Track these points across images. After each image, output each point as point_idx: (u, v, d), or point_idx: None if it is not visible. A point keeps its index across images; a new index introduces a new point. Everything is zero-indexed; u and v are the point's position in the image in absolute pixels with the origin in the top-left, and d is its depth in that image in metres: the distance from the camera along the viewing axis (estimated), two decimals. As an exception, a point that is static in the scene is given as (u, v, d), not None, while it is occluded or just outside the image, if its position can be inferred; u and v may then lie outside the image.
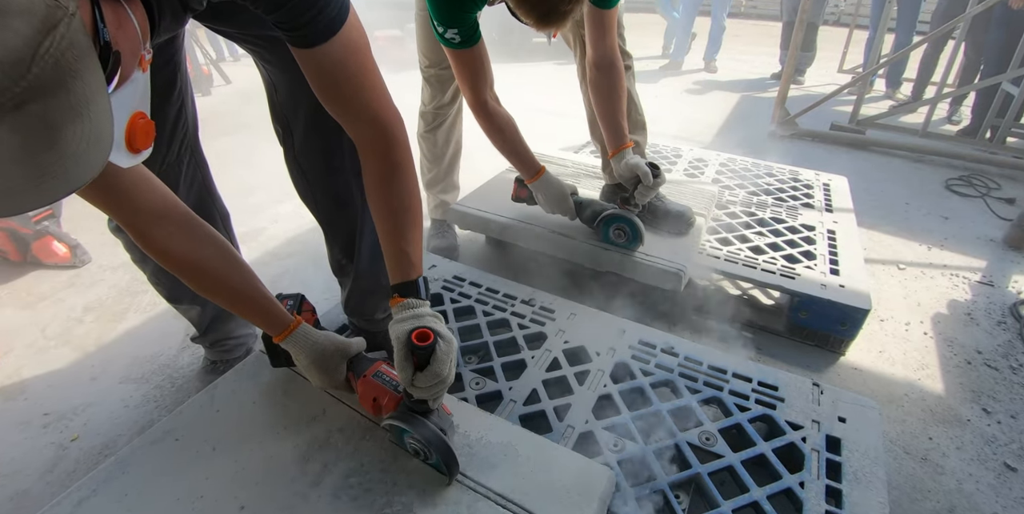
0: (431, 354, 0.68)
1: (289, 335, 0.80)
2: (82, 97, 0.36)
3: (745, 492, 0.79)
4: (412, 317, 0.71)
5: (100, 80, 0.38)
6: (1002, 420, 1.21)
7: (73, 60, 0.35)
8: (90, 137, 0.37)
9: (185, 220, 0.75)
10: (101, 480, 0.80)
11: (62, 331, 1.58)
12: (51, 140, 0.35)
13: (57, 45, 0.34)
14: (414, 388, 0.69)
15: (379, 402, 0.77)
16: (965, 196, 2.34)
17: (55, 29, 0.34)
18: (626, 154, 1.25)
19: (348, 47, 0.67)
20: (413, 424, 0.71)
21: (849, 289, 1.27)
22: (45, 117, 0.34)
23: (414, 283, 0.75)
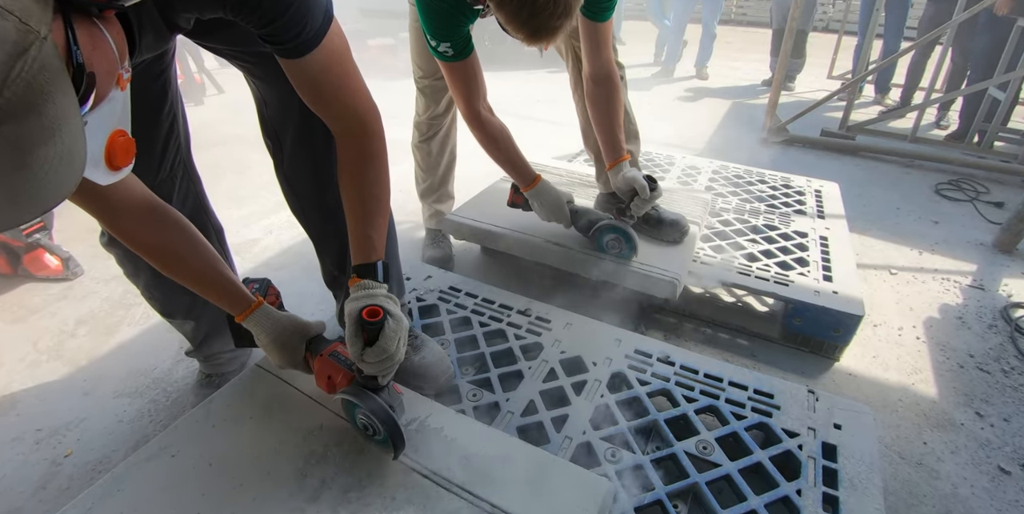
0: (380, 331, 0.71)
1: (250, 314, 0.84)
2: (54, 119, 0.37)
3: (743, 500, 0.79)
4: (366, 296, 0.75)
5: (73, 102, 0.39)
6: (995, 423, 1.22)
7: (45, 83, 0.35)
8: (62, 158, 0.38)
9: (157, 210, 0.78)
10: (97, 497, 0.80)
11: (54, 345, 1.56)
12: (22, 161, 0.36)
13: (28, 68, 0.34)
14: (363, 363, 0.72)
15: (333, 379, 0.80)
16: (955, 200, 2.37)
17: (26, 53, 0.34)
18: (623, 167, 1.26)
19: (331, 53, 0.70)
20: (362, 398, 0.74)
21: (842, 295, 1.29)
22: (17, 139, 0.35)
23: (373, 265, 0.79)
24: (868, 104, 3.76)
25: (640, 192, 1.23)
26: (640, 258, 1.32)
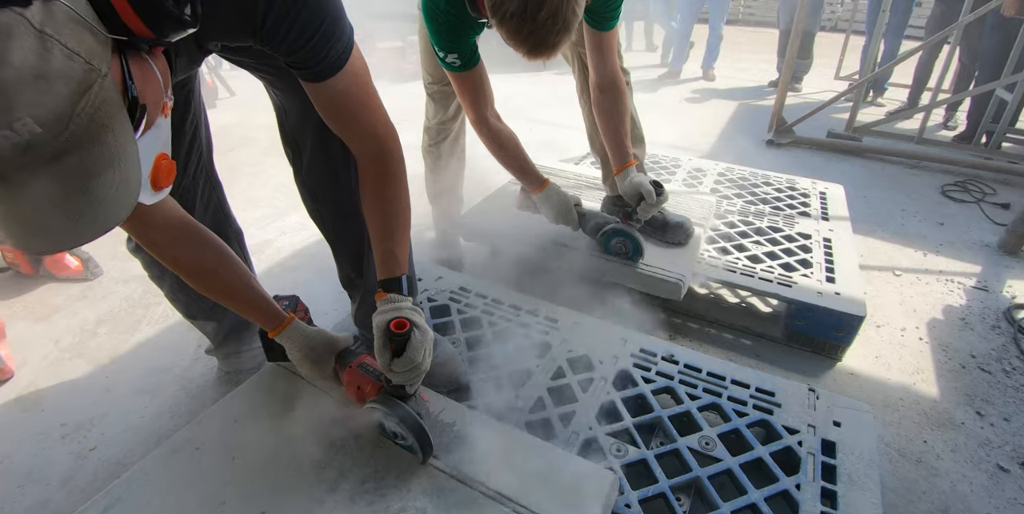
0: (407, 342, 0.75)
1: (283, 330, 0.88)
2: (114, 148, 0.41)
3: (743, 494, 0.82)
4: (392, 309, 0.79)
5: (129, 132, 0.43)
6: (995, 422, 1.24)
7: (105, 116, 0.40)
8: (121, 183, 0.42)
9: (191, 229, 0.82)
10: (125, 488, 0.84)
11: (76, 343, 1.61)
12: (86, 187, 0.40)
13: (91, 103, 0.38)
14: (391, 373, 0.76)
15: (362, 390, 0.84)
16: (961, 202, 2.37)
17: (90, 90, 0.38)
18: (630, 172, 1.29)
19: (352, 77, 0.73)
20: (392, 407, 0.77)
21: (844, 296, 1.31)
22: (81, 167, 0.39)
23: (397, 280, 0.82)
24: (867, 105, 3.76)
25: (647, 197, 1.26)
26: (646, 260, 1.35)
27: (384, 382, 0.81)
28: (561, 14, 0.83)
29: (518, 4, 0.82)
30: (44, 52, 0.36)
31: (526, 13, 0.82)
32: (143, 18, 0.43)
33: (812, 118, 2.95)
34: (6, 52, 0.34)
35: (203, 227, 0.83)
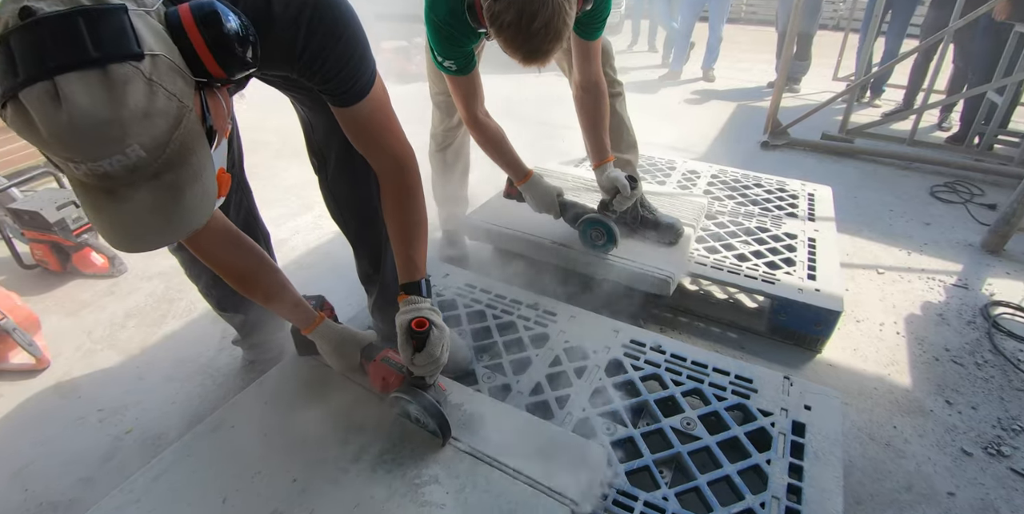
0: (426, 338, 0.84)
1: (315, 328, 0.99)
2: (197, 167, 0.52)
3: (719, 468, 0.92)
4: (413, 309, 0.89)
5: (208, 153, 0.54)
6: (963, 410, 1.33)
7: (192, 141, 0.51)
8: (203, 194, 0.53)
9: (233, 234, 0.92)
10: (172, 460, 0.95)
11: (107, 335, 1.73)
12: (177, 198, 0.51)
13: (182, 132, 0.49)
14: (413, 366, 0.86)
15: (387, 381, 0.95)
16: (948, 203, 2.45)
17: (181, 122, 0.49)
18: (608, 167, 1.40)
19: (375, 103, 0.84)
20: (415, 396, 0.88)
21: (824, 293, 1.40)
22: (173, 182, 0.50)
23: (417, 283, 0.93)
24: (864, 106, 3.83)
25: (622, 190, 1.37)
26: (638, 258, 1.44)
27: (406, 374, 0.92)
28: (553, 25, 0.93)
29: (514, 15, 0.92)
30: (151, 95, 0.46)
31: (521, 23, 0.92)
32: (220, 64, 0.53)
33: (808, 119, 3.03)
34: (124, 96, 0.45)
35: (244, 234, 0.93)
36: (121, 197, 0.49)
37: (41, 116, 0.44)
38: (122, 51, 0.45)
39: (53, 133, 0.44)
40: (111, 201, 0.49)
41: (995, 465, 1.19)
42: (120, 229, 0.50)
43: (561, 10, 0.91)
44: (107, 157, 0.46)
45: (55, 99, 0.44)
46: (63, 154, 0.46)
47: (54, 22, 0.44)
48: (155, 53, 0.47)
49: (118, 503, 0.88)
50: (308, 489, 0.85)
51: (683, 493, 0.89)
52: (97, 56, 0.44)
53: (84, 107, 0.44)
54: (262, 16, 0.66)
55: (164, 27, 0.50)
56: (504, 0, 0.91)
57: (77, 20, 0.44)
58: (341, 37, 0.73)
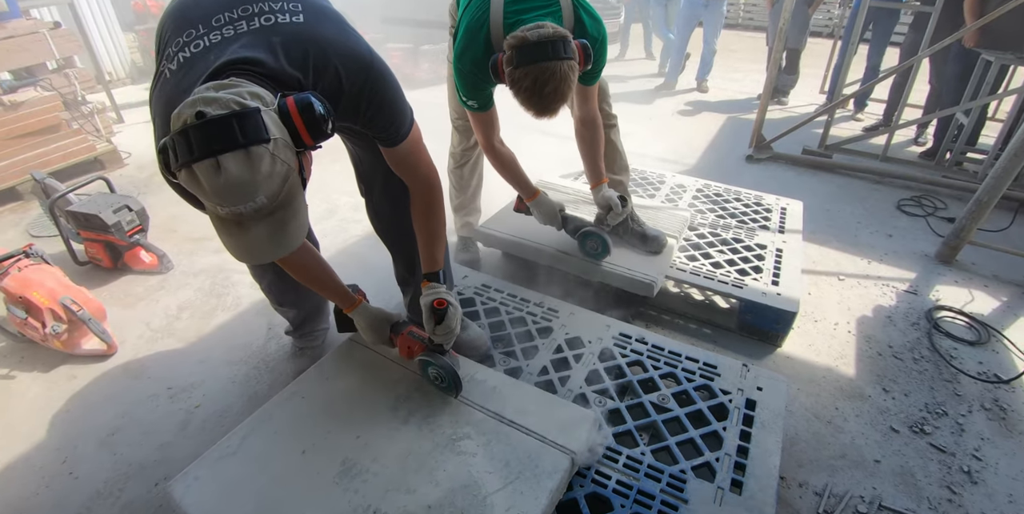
0: (445, 314, 1.13)
1: (356, 308, 1.26)
2: (299, 206, 0.78)
3: (685, 432, 1.19)
4: (434, 292, 1.17)
5: (303, 197, 0.80)
6: (896, 397, 1.59)
7: (294, 189, 0.77)
8: (301, 224, 0.79)
9: None
10: (254, 425, 1.20)
11: (164, 325, 1.97)
12: (283, 228, 0.77)
13: (289, 185, 0.75)
14: (435, 335, 1.15)
15: (412, 349, 1.22)
16: (912, 215, 2.69)
17: (289, 178, 0.75)
18: (603, 188, 1.66)
19: (412, 142, 1.10)
20: (436, 358, 1.16)
21: (784, 296, 1.67)
22: (283, 218, 0.76)
23: (437, 273, 1.20)
24: (847, 118, 4.06)
25: (614, 207, 1.63)
26: (627, 264, 1.70)
27: (427, 343, 1.19)
28: (560, 90, 1.19)
29: (530, 82, 1.18)
30: (273, 164, 0.72)
31: (535, 88, 1.19)
32: (312, 138, 0.78)
33: (792, 131, 3.26)
34: (259, 166, 0.70)
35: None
36: (247, 228, 0.74)
37: (207, 179, 0.69)
38: (257, 138, 0.70)
39: (215, 190, 0.69)
40: (240, 230, 0.74)
41: (917, 441, 1.46)
42: (244, 249, 0.75)
43: (567, 78, 1.17)
44: (244, 204, 0.70)
45: (217, 169, 0.68)
46: (216, 201, 0.70)
47: (218, 122, 0.68)
48: (276, 137, 0.72)
49: (219, 455, 1.14)
50: (370, 443, 1.11)
51: (657, 450, 1.16)
52: (244, 142, 0.69)
53: (235, 174, 0.68)
54: (336, 91, 0.93)
55: (277, 115, 0.75)
56: (522, 69, 1.16)
57: (231, 120, 0.69)
58: (390, 101, 1.00)
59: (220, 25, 0.88)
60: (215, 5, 0.90)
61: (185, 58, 0.87)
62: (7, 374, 1.77)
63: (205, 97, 0.70)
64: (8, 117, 2.75)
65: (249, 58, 0.83)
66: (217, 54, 0.84)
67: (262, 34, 0.87)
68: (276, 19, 0.89)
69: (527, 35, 1.17)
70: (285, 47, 0.86)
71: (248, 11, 0.89)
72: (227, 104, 0.70)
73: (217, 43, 0.86)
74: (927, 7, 3.01)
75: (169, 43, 0.92)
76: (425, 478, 1.03)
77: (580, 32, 1.37)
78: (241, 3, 0.90)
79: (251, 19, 0.88)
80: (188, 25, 0.90)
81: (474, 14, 1.34)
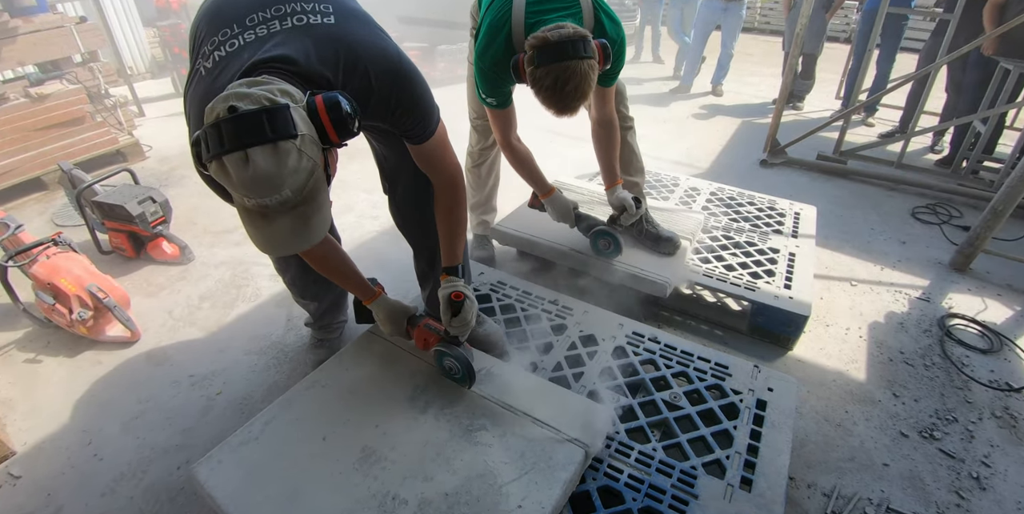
0: (461, 306, 1.16)
1: (374, 301, 1.30)
2: (322, 201, 0.81)
3: (697, 430, 1.21)
4: (452, 285, 1.20)
5: (327, 192, 0.83)
6: (906, 402, 1.60)
7: (318, 184, 0.80)
8: (324, 218, 0.82)
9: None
10: (278, 410, 1.24)
11: (186, 314, 2.02)
12: (307, 222, 0.80)
13: (314, 180, 0.79)
14: (451, 327, 1.18)
15: (428, 341, 1.26)
16: (927, 223, 2.68)
17: (314, 174, 0.78)
18: (617, 189, 1.69)
19: (438, 140, 1.13)
20: (451, 349, 1.19)
21: (795, 300, 1.68)
22: (307, 212, 0.79)
23: (455, 267, 1.23)
24: (861, 124, 4.04)
25: (628, 208, 1.65)
26: (641, 265, 1.73)
27: (443, 335, 1.22)
28: (580, 88, 1.22)
29: (551, 81, 1.21)
30: (299, 159, 0.75)
31: (556, 86, 1.21)
32: (338, 136, 0.81)
33: (807, 137, 3.26)
34: (285, 160, 0.73)
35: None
36: (271, 220, 0.77)
37: (236, 171, 0.72)
38: (286, 133, 0.73)
39: (242, 182, 0.72)
40: (266, 222, 0.77)
41: (926, 446, 1.47)
42: (269, 240, 0.78)
43: (587, 76, 1.19)
44: (269, 196, 0.73)
45: (245, 162, 0.71)
46: (243, 192, 0.73)
47: (248, 116, 0.72)
48: (303, 133, 0.75)
49: (241, 440, 1.18)
50: (388, 432, 1.14)
51: (668, 447, 1.18)
52: (272, 137, 0.72)
53: (262, 167, 0.71)
54: (366, 91, 0.96)
55: (305, 112, 0.78)
56: (543, 68, 1.19)
57: (261, 115, 0.72)
58: (418, 101, 1.03)
59: (254, 25, 0.91)
60: (249, 5, 0.94)
61: (220, 57, 0.90)
62: (34, 358, 1.83)
63: (238, 93, 0.74)
64: (35, 109, 2.82)
65: (281, 56, 0.86)
66: (251, 53, 0.88)
67: (294, 34, 0.90)
68: (308, 20, 0.92)
69: (548, 35, 1.20)
70: (316, 47, 0.89)
71: (281, 11, 0.92)
72: (258, 100, 0.73)
73: (251, 42, 0.90)
74: (947, 14, 3.00)
75: (204, 42, 0.95)
76: (442, 467, 1.07)
77: (599, 33, 1.40)
78: (274, 3, 0.93)
79: (284, 19, 0.91)
80: (223, 24, 0.93)
81: (496, 14, 1.37)
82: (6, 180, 2.79)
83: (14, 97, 2.77)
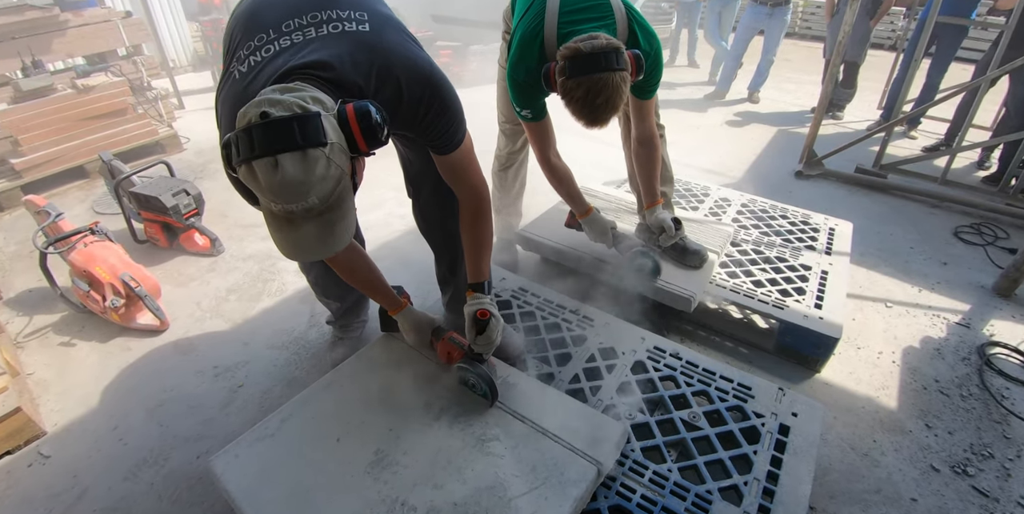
0: (487, 325, 1.15)
1: (400, 312, 1.30)
2: (347, 209, 0.81)
3: (715, 452, 1.17)
4: (478, 303, 1.19)
5: (353, 200, 0.83)
6: (939, 434, 1.53)
7: (345, 193, 0.80)
8: (348, 226, 0.82)
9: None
10: (294, 408, 1.25)
11: (213, 306, 2.07)
12: (331, 229, 0.80)
13: (340, 188, 0.78)
14: (475, 345, 1.17)
15: (452, 355, 1.25)
16: (970, 244, 2.54)
17: (341, 182, 0.78)
18: (657, 210, 1.65)
19: (464, 152, 1.12)
20: (474, 366, 1.18)
21: (826, 321, 1.62)
22: (332, 219, 0.79)
23: (482, 284, 1.22)
24: (902, 136, 3.88)
25: (667, 231, 1.61)
26: (666, 278, 1.69)
27: (467, 350, 1.21)
28: (612, 101, 1.19)
29: (582, 92, 1.19)
30: (328, 167, 0.75)
31: (587, 98, 1.19)
32: (367, 145, 0.81)
33: (846, 149, 3.13)
34: (314, 168, 0.73)
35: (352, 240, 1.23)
36: (297, 226, 0.77)
37: (265, 176, 0.72)
38: (316, 141, 0.73)
39: (270, 187, 0.72)
40: (291, 228, 0.77)
41: (959, 482, 1.39)
42: (293, 245, 0.79)
43: (619, 89, 1.17)
44: (296, 202, 0.73)
45: (274, 167, 0.71)
46: (271, 197, 0.74)
47: (280, 122, 0.72)
48: (332, 142, 0.75)
49: (257, 436, 1.19)
50: (401, 436, 1.14)
51: (684, 469, 1.15)
52: (302, 144, 0.72)
53: (291, 173, 0.71)
54: (397, 100, 0.96)
55: (336, 120, 0.78)
56: (575, 79, 1.17)
57: (292, 122, 0.72)
58: (447, 111, 1.02)
59: (290, 31, 0.92)
60: (286, 11, 0.95)
61: (256, 62, 0.91)
62: (68, 342, 1.90)
63: (270, 99, 0.74)
64: (80, 100, 2.93)
65: (316, 62, 0.87)
66: (286, 59, 0.88)
67: (330, 41, 0.90)
68: (344, 27, 0.92)
69: (581, 46, 1.18)
70: (351, 55, 0.90)
71: (317, 18, 0.93)
72: (290, 107, 0.73)
73: (287, 48, 0.90)
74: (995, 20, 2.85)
75: (240, 46, 0.96)
76: (453, 475, 1.06)
77: (633, 45, 1.37)
78: (311, 10, 0.94)
79: (320, 26, 0.92)
80: (259, 29, 0.94)
81: (529, 24, 1.35)
82: (51, 167, 2.91)
83: (61, 88, 2.88)
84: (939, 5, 2.74)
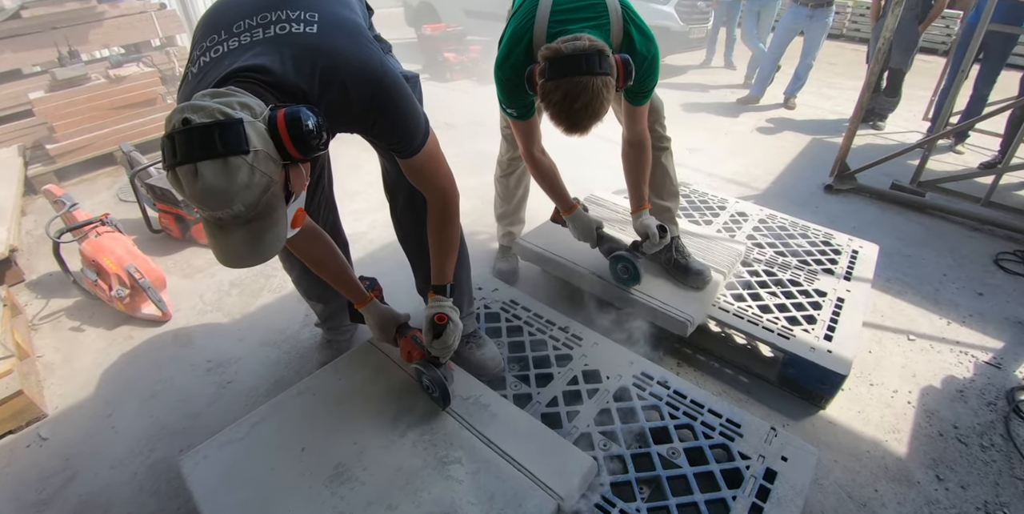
0: (444, 330, 1.13)
1: (364, 306, 1.29)
2: (277, 218, 0.78)
3: (690, 494, 1.10)
4: (437, 306, 1.17)
5: (284, 208, 0.81)
6: (951, 488, 1.40)
7: (274, 202, 0.77)
8: (279, 235, 0.79)
9: (316, 231, 1.21)
10: (267, 413, 1.25)
11: (215, 299, 2.11)
12: (261, 237, 0.77)
13: (268, 196, 0.76)
14: (431, 348, 1.15)
15: (411, 353, 1.24)
16: (1012, 273, 2.34)
17: (269, 190, 0.75)
18: (643, 215, 1.58)
19: (427, 154, 1.07)
20: (428, 369, 1.17)
21: (835, 355, 1.51)
22: (260, 227, 0.77)
23: (444, 286, 1.20)
24: (946, 150, 3.62)
25: (651, 237, 1.54)
26: (663, 298, 1.61)
27: (426, 351, 1.20)
28: (591, 106, 1.12)
29: (560, 96, 1.13)
30: (251, 174, 0.72)
31: (565, 102, 1.13)
32: (299, 151, 0.78)
33: (883, 163, 2.94)
34: (235, 176, 0.70)
35: (323, 233, 1.22)
36: (227, 232, 0.76)
37: (186, 184, 0.71)
38: (237, 149, 0.71)
39: (192, 194, 0.71)
40: (221, 234, 0.77)
41: (967, 542, 1.28)
42: (223, 252, 0.78)
43: (599, 94, 1.10)
44: (221, 210, 0.72)
45: (195, 175, 0.70)
46: (195, 204, 0.73)
47: (201, 129, 0.70)
48: (256, 149, 0.73)
49: (228, 438, 1.20)
50: (364, 451, 1.12)
51: (655, 510, 1.09)
52: (223, 151, 0.70)
53: (211, 181, 0.70)
54: (343, 102, 0.92)
55: (265, 127, 0.75)
56: (553, 82, 1.11)
57: (213, 129, 0.70)
58: (400, 114, 0.98)
59: (239, 32, 0.91)
60: (240, 12, 0.93)
61: (205, 63, 0.90)
62: (78, 327, 1.97)
63: (194, 105, 0.73)
64: (112, 89, 3.03)
65: (257, 66, 0.85)
66: (231, 60, 0.87)
67: (274, 43, 0.88)
68: (291, 28, 0.90)
69: (561, 47, 1.12)
70: (294, 58, 0.87)
71: (266, 19, 0.91)
72: (212, 113, 0.72)
73: (234, 49, 0.89)
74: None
75: (195, 46, 0.96)
76: (409, 497, 1.03)
77: (628, 48, 1.30)
78: (261, 11, 0.92)
79: (267, 27, 0.90)
80: (213, 30, 0.93)
81: (520, 21, 1.30)
82: (83, 154, 3.02)
83: (95, 78, 2.98)
84: (991, 11, 2.52)
